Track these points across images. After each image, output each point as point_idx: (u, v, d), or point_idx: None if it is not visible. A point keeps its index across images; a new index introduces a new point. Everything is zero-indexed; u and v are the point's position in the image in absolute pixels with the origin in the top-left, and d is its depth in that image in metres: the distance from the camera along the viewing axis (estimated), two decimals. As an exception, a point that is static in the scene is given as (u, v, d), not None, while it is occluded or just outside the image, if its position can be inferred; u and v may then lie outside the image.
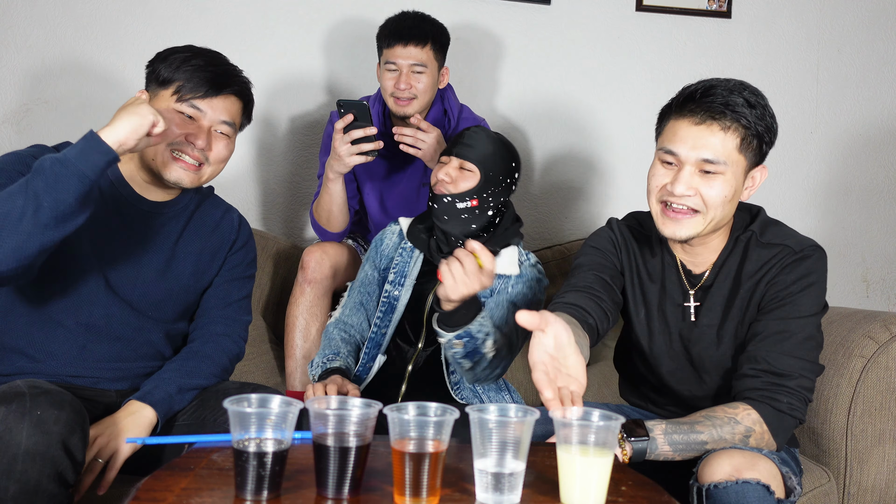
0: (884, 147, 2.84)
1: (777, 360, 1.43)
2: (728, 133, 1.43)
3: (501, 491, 1.05)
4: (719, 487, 1.31)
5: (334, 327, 1.91)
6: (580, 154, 2.72)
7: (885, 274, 2.87)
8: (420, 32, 2.13)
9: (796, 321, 1.46)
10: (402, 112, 2.17)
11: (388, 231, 1.96)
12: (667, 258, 1.60)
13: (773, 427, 1.41)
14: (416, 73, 2.14)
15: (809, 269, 1.48)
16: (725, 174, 1.43)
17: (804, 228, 2.81)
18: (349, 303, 1.94)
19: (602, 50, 2.72)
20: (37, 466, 1.21)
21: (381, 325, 1.86)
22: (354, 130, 1.96)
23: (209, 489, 1.06)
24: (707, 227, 1.47)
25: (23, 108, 2.45)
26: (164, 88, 1.57)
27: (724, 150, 1.43)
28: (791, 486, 1.38)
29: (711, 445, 1.38)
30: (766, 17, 2.77)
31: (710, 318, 1.56)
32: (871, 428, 1.78)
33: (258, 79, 2.58)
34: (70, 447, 1.25)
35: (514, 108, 2.71)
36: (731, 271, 1.54)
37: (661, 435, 1.37)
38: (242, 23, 2.56)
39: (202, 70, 1.57)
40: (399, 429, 1.04)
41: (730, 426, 1.39)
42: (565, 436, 1.08)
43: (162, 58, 1.60)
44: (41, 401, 1.24)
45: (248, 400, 1.07)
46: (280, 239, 2.48)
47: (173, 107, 1.55)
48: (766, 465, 1.34)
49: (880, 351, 1.78)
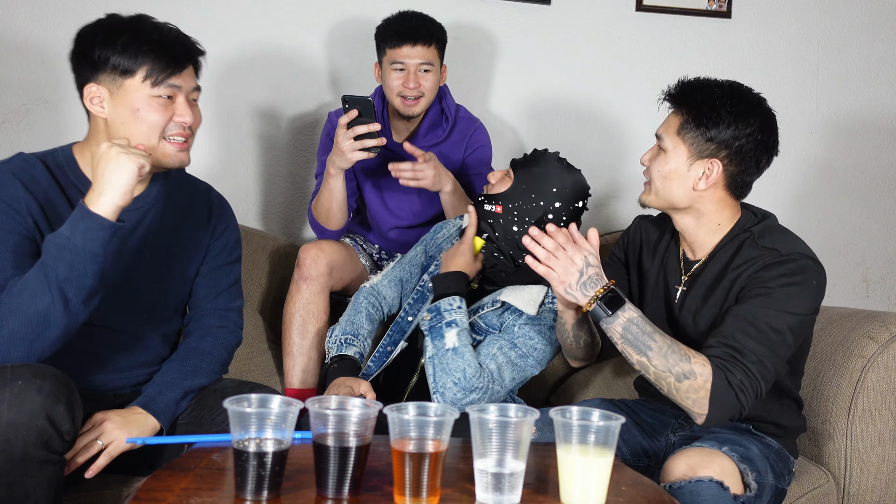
0: (884, 147, 2.84)
1: (742, 340, 1.44)
2: (673, 115, 1.58)
3: (501, 491, 1.05)
4: (674, 487, 1.32)
5: (366, 296, 1.98)
6: (580, 154, 2.72)
7: (885, 274, 2.87)
8: (426, 32, 2.16)
9: (768, 311, 1.46)
10: (410, 112, 2.18)
11: (451, 221, 2.01)
12: (672, 246, 1.70)
13: (715, 394, 1.39)
14: (423, 73, 2.16)
15: (792, 271, 1.49)
16: (667, 152, 1.57)
17: (803, 229, 2.81)
18: (391, 274, 2.01)
19: (602, 50, 2.72)
20: (20, 436, 1.20)
21: (409, 310, 1.89)
22: (358, 126, 1.96)
23: (209, 489, 1.06)
24: (651, 198, 1.61)
25: (23, 109, 2.45)
26: (128, 77, 1.45)
27: (668, 129, 1.57)
28: (747, 482, 1.38)
29: (653, 355, 1.42)
30: (766, 17, 2.77)
31: (691, 304, 1.61)
32: (871, 428, 1.78)
33: (258, 78, 2.59)
34: (54, 417, 1.23)
35: (513, 107, 2.71)
36: (721, 263, 1.58)
37: (625, 321, 1.44)
38: (245, 22, 2.56)
39: (164, 46, 1.47)
40: (399, 429, 1.05)
41: (679, 357, 1.41)
42: (565, 436, 1.09)
43: (102, 42, 1.45)
44: (22, 371, 1.24)
45: (248, 400, 1.07)
46: (279, 238, 2.48)
47: (148, 93, 1.46)
48: (722, 462, 1.35)
49: (880, 351, 1.78)
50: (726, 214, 1.59)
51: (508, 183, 1.79)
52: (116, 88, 1.46)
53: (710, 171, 1.54)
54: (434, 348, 1.70)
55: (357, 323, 1.92)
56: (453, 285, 1.76)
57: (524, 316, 1.76)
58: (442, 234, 1.97)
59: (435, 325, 1.71)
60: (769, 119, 1.56)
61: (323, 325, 2.10)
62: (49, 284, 1.30)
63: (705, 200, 1.57)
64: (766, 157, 1.57)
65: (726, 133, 1.51)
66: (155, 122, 1.47)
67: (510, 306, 1.78)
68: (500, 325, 1.78)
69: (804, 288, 1.48)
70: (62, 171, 1.51)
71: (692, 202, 1.57)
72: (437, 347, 1.70)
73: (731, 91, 1.55)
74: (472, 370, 1.66)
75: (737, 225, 1.60)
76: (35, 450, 1.21)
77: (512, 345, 1.73)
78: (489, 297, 1.82)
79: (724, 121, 1.51)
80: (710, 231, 1.60)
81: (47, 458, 1.23)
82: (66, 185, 1.50)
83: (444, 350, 1.68)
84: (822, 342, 1.88)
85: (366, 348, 1.91)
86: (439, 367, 1.68)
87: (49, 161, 1.51)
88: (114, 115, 1.47)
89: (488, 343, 1.75)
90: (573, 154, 2.79)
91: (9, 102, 2.44)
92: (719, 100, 1.52)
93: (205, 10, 2.55)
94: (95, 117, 1.50)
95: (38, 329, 1.31)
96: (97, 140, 1.48)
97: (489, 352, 1.73)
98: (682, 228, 1.63)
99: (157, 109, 1.47)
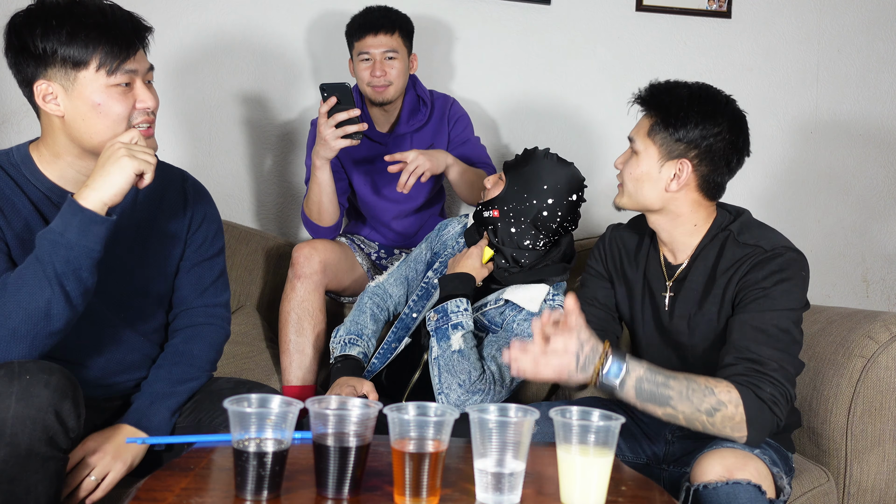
0: (884, 147, 2.84)
1: (757, 349, 1.44)
2: (644, 117, 1.60)
3: (501, 491, 1.05)
4: (709, 488, 1.31)
5: (370, 296, 2.00)
6: (580, 154, 2.72)
7: (885, 274, 2.87)
8: (387, 21, 2.22)
9: (771, 313, 1.46)
10: (381, 98, 2.23)
11: (455, 219, 2.02)
12: (651, 252, 1.68)
13: (751, 414, 1.37)
14: (388, 60, 2.21)
15: (781, 266, 1.49)
16: (639, 155, 1.57)
17: (803, 228, 2.82)
18: (396, 272, 2.03)
19: (602, 50, 2.72)
20: (27, 430, 1.19)
21: (414, 307, 1.90)
22: (339, 114, 2.00)
23: (209, 489, 1.06)
24: (624, 200, 1.61)
25: (23, 108, 2.45)
26: (81, 69, 1.35)
27: (639, 132, 1.59)
28: (781, 485, 1.38)
29: (675, 402, 1.37)
30: (766, 17, 2.77)
31: (683, 310, 1.60)
32: (871, 428, 1.78)
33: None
34: (61, 412, 1.23)
35: (513, 107, 2.71)
36: (706, 266, 1.58)
37: (634, 381, 1.37)
38: (237, 21, 2.56)
39: (113, 29, 1.37)
40: (399, 429, 1.05)
41: (702, 393, 1.38)
42: (565, 436, 1.09)
43: (44, 33, 1.33)
44: (30, 367, 1.23)
45: (248, 400, 1.07)
46: (278, 238, 2.49)
47: (105, 83, 1.37)
48: (757, 466, 1.35)
49: (880, 351, 1.78)
50: (702, 215, 1.60)
51: (502, 186, 1.81)
52: (70, 83, 1.36)
53: (680, 172, 1.54)
54: (439, 349, 1.71)
55: (361, 323, 1.94)
56: (461, 287, 1.77)
57: (524, 312, 1.77)
58: (447, 232, 1.99)
59: (441, 327, 1.72)
60: (738, 119, 1.56)
61: (319, 323, 2.12)
62: (48, 279, 1.29)
63: (679, 202, 1.57)
64: (736, 158, 1.56)
65: (694, 133, 1.52)
66: (119, 113, 1.39)
67: (512, 303, 1.79)
68: (501, 322, 1.79)
69: (796, 282, 1.50)
70: (17, 169, 1.43)
71: (665, 204, 1.57)
72: (443, 349, 1.70)
73: (700, 92, 1.56)
74: (477, 373, 1.68)
75: (714, 225, 1.60)
76: (40, 445, 1.21)
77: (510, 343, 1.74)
78: (493, 295, 1.83)
79: (692, 120, 1.52)
80: (687, 232, 1.60)
81: (51, 454, 1.23)
82: (24, 184, 1.43)
83: (451, 352, 1.69)
84: (822, 342, 1.88)
85: (370, 348, 1.92)
86: (445, 369, 1.69)
87: (2, 160, 1.45)
88: (72, 112, 1.37)
89: (488, 344, 1.75)
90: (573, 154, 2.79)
91: (9, 102, 2.44)
92: (687, 100, 1.53)
93: (205, 9, 2.55)
94: (49, 115, 1.39)
95: (40, 324, 1.30)
96: (54, 138, 1.41)
97: (489, 353, 1.74)
98: (658, 230, 1.63)
99: (118, 100, 1.38)
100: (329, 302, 2.26)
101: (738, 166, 1.58)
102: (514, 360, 1.35)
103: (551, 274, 1.82)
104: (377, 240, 2.42)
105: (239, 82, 2.57)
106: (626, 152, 1.64)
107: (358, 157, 2.31)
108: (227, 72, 2.56)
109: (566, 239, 1.87)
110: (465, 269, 1.80)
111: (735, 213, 1.63)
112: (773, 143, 2.76)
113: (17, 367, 1.23)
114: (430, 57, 2.63)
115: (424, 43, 2.59)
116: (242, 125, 2.60)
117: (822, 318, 1.95)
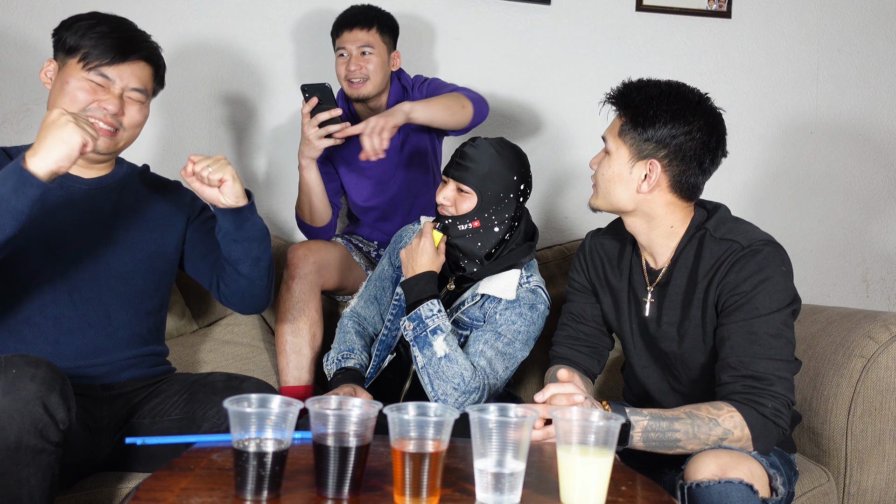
0: (884, 147, 2.84)
1: (752, 363, 1.42)
2: (617, 117, 1.56)
3: (501, 491, 1.05)
4: (702, 486, 1.32)
5: (349, 319, 1.98)
6: (580, 154, 2.72)
7: (885, 274, 2.87)
8: (364, 17, 2.23)
9: (758, 320, 1.44)
10: (357, 94, 2.22)
11: (408, 229, 1.99)
12: (634, 258, 1.66)
13: (756, 432, 1.39)
14: (364, 55, 2.21)
15: (760, 265, 1.46)
16: (611, 155, 1.56)
17: (803, 228, 2.82)
18: (364, 294, 2.01)
19: (602, 50, 2.72)
20: (14, 424, 1.20)
21: (391, 327, 1.88)
22: (321, 114, 2.02)
23: (209, 489, 1.06)
24: (599, 201, 1.59)
25: (23, 108, 2.45)
26: (71, 57, 1.56)
27: (611, 132, 1.57)
28: (775, 486, 1.38)
29: (684, 443, 1.38)
30: (766, 16, 2.77)
31: (670, 317, 1.58)
32: (871, 428, 1.78)
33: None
34: (49, 405, 1.24)
35: (513, 107, 2.71)
36: (686, 269, 1.56)
37: (640, 433, 1.38)
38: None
39: (107, 37, 1.56)
40: (399, 429, 1.05)
41: (707, 427, 1.38)
42: (565, 436, 1.09)
43: (67, 25, 1.58)
44: (16, 360, 1.24)
45: (248, 400, 1.07)
46: (278, 238, 2.49)
47: (81, 75, 1.55)
48: (751, 465, 1.35)
49: (880, 351, 1.78)
50: (678, 217, 1.56)
51: (471, 198, 1.75)
52: (62, 64, 1.58)
53: (650, 173, 1.51)
54: (424, 357, 1.69)
55: (348, 342, 1.93)
56: (427, 288, 1.73)
57: (503, 301, 1.76)
58: (404, 243, 1.94)
59: (420, 335, 1.69)
60: (712, 118, 1.51)
61: (315, 323, 2.12)
62: None
63: (652, 203, 1.54)
64: (710, 158, 1.52)
65: (663, 131, 1.49)
66: (77, 97, 1.54)
67: (488, 295, 1.78)
68: (482, 316, 1.78)
69: (777, 279, 1.46)
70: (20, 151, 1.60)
71: (638, 205, 1.55)
72: (428, 357, 1.68)
73: (671, 90, 1.52)
74: (469, 373, 1.67)
75: (691, 225, 1.57)
76: (30, 438, 1.22)
77: (497, 335, 1.73)
78: (469, 293, 1.81)
79: (661, 119, 1.49)
80: (665, 234, 1.57)
81: (42, 446, 1.23)
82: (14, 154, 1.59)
83: (437, 359, 1.67)
84: (822, 342, 1.88)
85: (364, 360, 1.91)
86: (435, 376, 1.67)
87: (11, 151, 1.62)
88: (53, 87, 1.59)
89: (474, 340, 1.75)
90: (573, 153, 2.79)
91: (9, 102, 2.44)
92: (657, 99, 1.50)
93: (205, 8, 2.55)
94: None
95: None
96: None
97: (477, 349, 1.72)
98: (636, 233, 1.60)
99: (85, 89, 1.54)
100: (326, 301, 2.26)
101: (712, 166, 1.54)
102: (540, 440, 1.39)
103: (519, 257, 1.80)
104: (376, 238, 2.42)
105: (231, 85, 2.57)
106: (599, 153, 1.61)
107: (349, 157, 2.30)
108: (221, 74, 2.56)
109: (524, 216, 1.85)
110: (423, 266, 1.75)
111: (712, 209, 1.60)
112: (772, 143, 2.76)
113: (2, 361, 1.24)
114: (431, 57, 2.63)
115: (424, 43, 2.59)
116: (234, 127, 2.60)
117: (821, 318, 1.95)
